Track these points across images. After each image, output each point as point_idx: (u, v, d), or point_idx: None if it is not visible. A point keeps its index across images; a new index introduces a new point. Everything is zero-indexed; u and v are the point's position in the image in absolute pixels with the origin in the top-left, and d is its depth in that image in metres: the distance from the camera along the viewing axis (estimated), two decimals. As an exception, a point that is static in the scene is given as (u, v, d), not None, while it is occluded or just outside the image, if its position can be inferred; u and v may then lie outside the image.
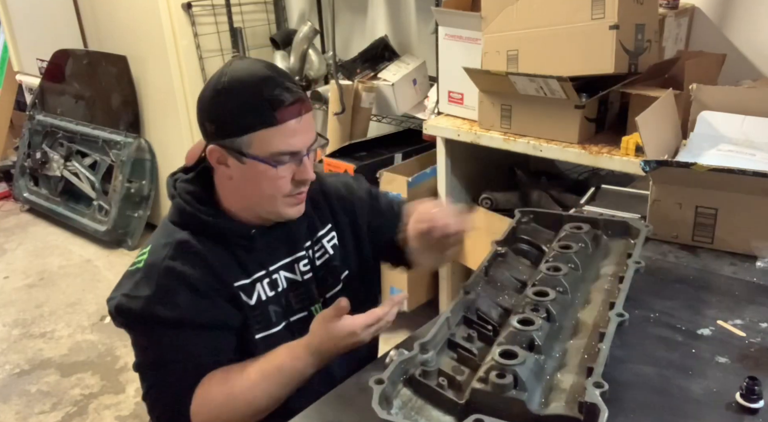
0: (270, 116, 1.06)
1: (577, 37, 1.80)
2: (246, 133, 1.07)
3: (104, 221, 3.64)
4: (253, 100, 1.06)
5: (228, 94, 1.07)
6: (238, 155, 1.09)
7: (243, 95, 1.07)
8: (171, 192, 1.20)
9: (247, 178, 1.11)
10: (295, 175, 1.12)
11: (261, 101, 1.06)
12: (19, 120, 4.46)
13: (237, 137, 1.08)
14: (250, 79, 1.07)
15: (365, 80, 2.77)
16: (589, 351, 0.89)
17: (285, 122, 1.07)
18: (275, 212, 1.16)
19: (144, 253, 1.17)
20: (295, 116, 1.08)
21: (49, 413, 2.42)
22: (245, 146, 1.08)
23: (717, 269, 1.21)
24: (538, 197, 2.37)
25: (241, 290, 1.15)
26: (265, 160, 1.08)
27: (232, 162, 1.10)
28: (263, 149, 1.08)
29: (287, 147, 1.09)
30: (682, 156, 1.35)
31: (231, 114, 1.08)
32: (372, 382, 0.80)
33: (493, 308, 1.01)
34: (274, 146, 1.08)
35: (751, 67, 2.08)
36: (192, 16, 3.08)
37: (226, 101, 1.08)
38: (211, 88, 1.10)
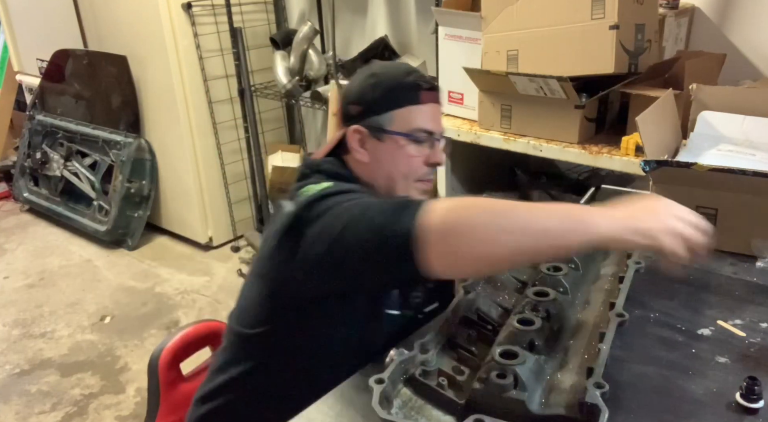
0: (415, 94, 1.18)
1: (577, 37, 1.80)
2: (391, 109, 1.17)
3: (104, 221, 3.64)
4: (400, 81, 1.19)
5: (378, 76, 1.20)
6: (381, 132, 1.18)
7: (392, 77, 1.20)
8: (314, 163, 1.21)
9: (384, 157, 1.19)
10: (428, 157, 1.20)
11: (407, 82, 1.18)
12: (19, 120, 4.46)
13: (381, 114, 1.17)
14: (398, 67, 1.25)
15: (365, 80, 2.77)
16: (589, 352, 0.89)
17: (426, 103, 1.19)
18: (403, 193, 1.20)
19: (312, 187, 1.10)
20: (434, 101, 1.22)
21: (49, 413, 2.42)
22: (388, 123, 1.17)
23: (717, 269, 1.21)
24: (538, 197, 2.37)
25: None
26: (407, 134, 1.17)
27: (371, 143, 1.19)
28: (405, 125, 1.17)
29: (427, 125, 1.19)
30: (682, 156, 1.35)
31: (380, 93, 1.18)
32: (372, 382, 0.80)
33: (493, 308, 1.01)
34: (416, 122, 1.18)
35: (751, 67, 2.08)
36: (192, 16, 3.08)
37: (376, 82, 1.19)
38: (361, 76, 1.22)
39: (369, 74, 1.21)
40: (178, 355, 1.42)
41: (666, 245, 0.87)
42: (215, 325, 1.49)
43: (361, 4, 3.06)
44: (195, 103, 3.24)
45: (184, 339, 1.43)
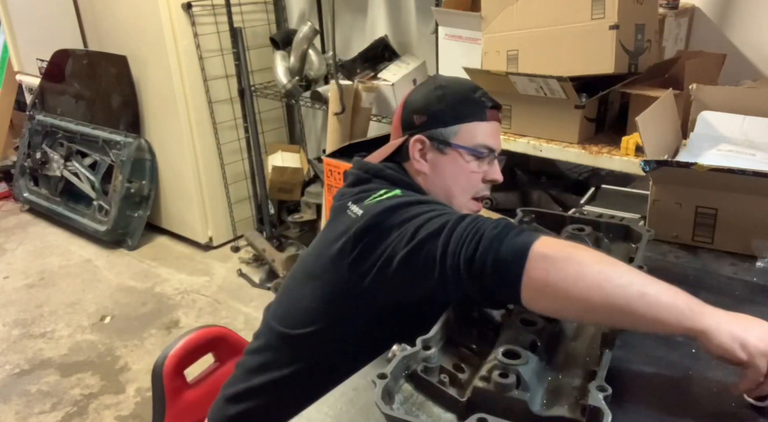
0: (482, 111, 1.21)
1: (577, 37, 1.80)
2: (457, 123, 1.19)
3: (104, 221, 3.64)
4: (468, 96, 1.21)
5: (445, 89, 1.22)
6: (444, 145, 1.19)
7: (460, 91, 1.22)
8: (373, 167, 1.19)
9: (445, 169, 1.20)
10: (486, 175, 1.23)
11: (475, 98, 1.21)
12: (19, 120, 4.46)
13: (447, 127, 1.19)
14: (465, 83, 1.27)
15: (365, 80, 2.77)
16: (591, 354, 0.89)
17: (491, 121, 1.22)
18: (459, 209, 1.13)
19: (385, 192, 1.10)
20: (497, 119, 1.24)
21: (49, 413, 2.42)
22: (452, 136, 1.19)
23: (717, 269, 1.22)
24: (538, 197, 2.37)
25: None
26: (470, 149, 1.19)
27: (432, 154, 1.20)
28: (470, 140, 1.20)
29: (490, 142, 1.21)
30: (682, 156, 1.35)
31: (447, 105, 1.20)
32: (375, 377, 0.80)
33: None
34: (480, 138, 1.20)
35: (751, 67, 2.08)
36: (192, 16, 3.08)
37: (443, 95, 1.21)
38: (427, 87, 1.24)
39: (436, 86, 1.22)
40: (183, 362, 1.41)
41: (760, 367, 0.80)
42: (219, 331, 1.48)
43: (361, 4, 3.06)
44: (195, 103, 3.24)
45: (188, 345, 1.41)
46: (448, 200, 1.20)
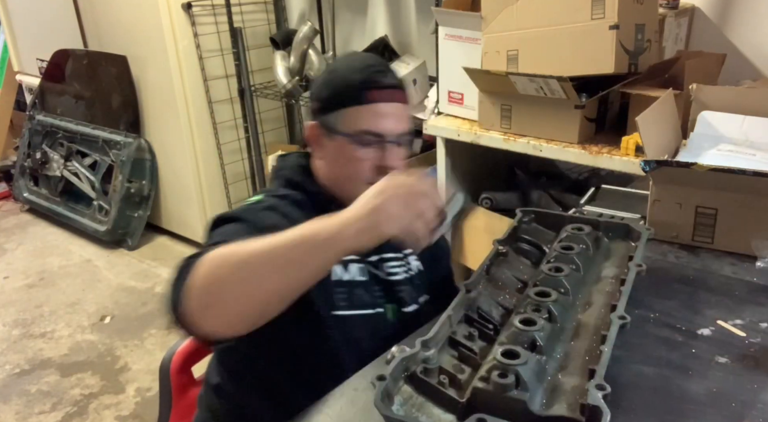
0: (361, 94, 1.13)
1: (577, 37, 1.80)
2: (338, 108, 1.14)
3: (104, 221, 3.64)
4: (351, 78, 1.15)
5: (332, 73, 1.19)
6: (329, 131, 1.16)
7: (343, 74, 1.16)
8: (279, 165, 1.25)
9: (335, 156, 1.17)
10: (379, 161, 1.15)
11: (356, 80, 1.14)
12: (19, 120, 4.46)
13: (331, 113, 1.15)
14: (354, 63, 1.18)
15: (365, 80, 2.77)
16: (590, 353, 0.89)
17: (375, 102, 1.13)
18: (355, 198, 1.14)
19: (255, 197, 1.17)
20: (386, 100, 1.14)
21: (49, 413, 2.42)
22: (336, 122, 1.15)
23: (717, 269, 1.21)
24: (538, 197, 2.37)
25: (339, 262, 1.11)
26: (351, 136, 1.13)
27: (325, 141, 1.17)
28: (351, 126, 1.14)
29: (374, 128, 1.13)
30: (682, 156, 1.35)
31: (330, 90, 1.17)
32: (373, 379, 0.80)
33: (494, 307, 1.02)
34: (361, 123, 1.13)
35: (751, 67, 2.08)
36: (192, 16, 3.08)
37: (329, 79, 1.18)
38: (324, 70, 1.22)
39: (329, 69, 1.21)
40: (190, 358, 1.42)
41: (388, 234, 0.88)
42: None
43: (361, 4, 3.06)
44: (195, 103, 3.24)
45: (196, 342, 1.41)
46: (343, 188, 1.16)
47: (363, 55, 1.24)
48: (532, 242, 1.20)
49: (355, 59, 1.22)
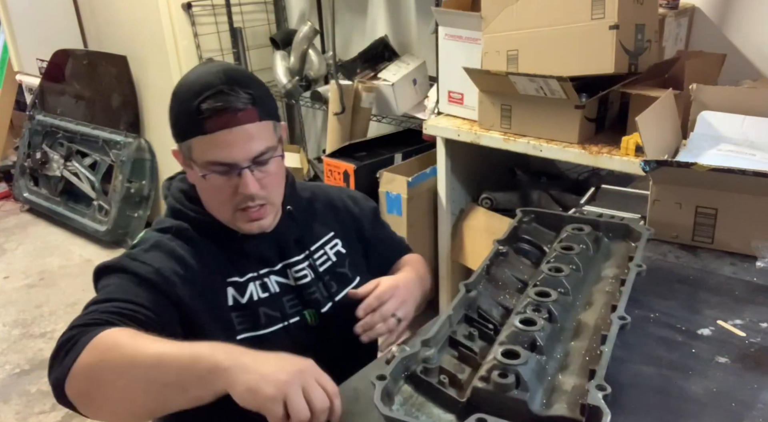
0: (200, 124, 1.04)
1: (577, 37, 1.80)
2: (185, 139, 1.09)
3: (104, 221, 3.64)
4: (187, 107, 1.06)
5: (175, 99, 1.10)
6: (188, 158, 1.11)
7: (182, 101, 1.07)
8: (164, 193, 1.23)
9: (198, 182, 1.13)
10: (238, 188, 1.09)
11: (192, 109, 1.04)
12: (19, 120, 4.47)
13: (181, 143, 1.11)
14: (193, 86, 1.07)
15: (365, 80, 2.77)
16: (590, 353, 0.89)
17: (214, 132, 1.04)
18: (231, 224, 1.14)
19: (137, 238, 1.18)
20: (229, 125, 1.04)
21: (49, 413, 2.42)
22: (188, 152, 1.10)
23: (717, 269, 1.21)
24: (538, 197, 2.37)
25: (232, 287, 1.14)
26: (202, 168, 1.08)
27: (188, 165, 1.13)
28: (200, 157, 1.08)
29: (220, 158, 1.06)
30: (682, 156, 1.35)
31: (174, 120, 1.11)
32: (374, 378, 0.80)
33: (494, 307, 1.02)
34: (207, 155, 1.07)
35: (751, 67, 2.08)
36: (192, 16, 3.08)
37: (172, 106, 1.11)
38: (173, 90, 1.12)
39: (174, 91, 1.10)
40: None
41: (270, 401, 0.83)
42: None
43: (361, 4, 3.06)
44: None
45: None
46: (216, 213, 1.14)
47: (204, 71, 1.08)
48: (532, 242, 1.20)
49: (194, 80, 1.08)
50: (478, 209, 2.46)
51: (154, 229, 1.17)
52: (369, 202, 1.42)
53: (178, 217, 1.17)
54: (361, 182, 2.49)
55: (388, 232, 1.44)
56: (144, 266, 1.07)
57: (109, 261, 1.10)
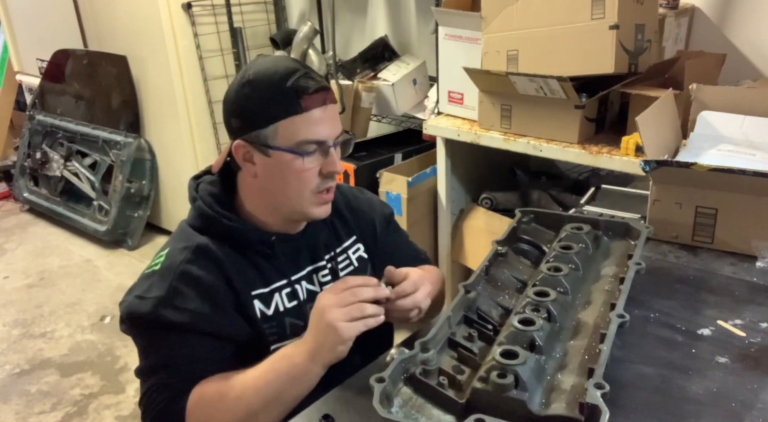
0: (294, 103, 1.06)
1: (577, 37, 1.80)
2: (271, 123, 1.07)
3: (104, 221, 3.64)
4: (277, 89, 1.06)
5: (252, 85, 1.08)
6: (264, 147, 1.08)
7: (267, 85, 1.07)
8: (192, 195, 1.18)
9: (273, 173, 1.10)
10: (322, 167, 1.11)
11: (285, 90, 1.06)
12: (19, 120, 4.47)
13: (262, 129, 1.08)
14: (274, 70, 1.08)
15: (365, 80, 2.77)
16: (589, 352, 0.89)
17: (310, 110, 1.07)
18: (301, 211, 1.14)
19: (161, 256, 1.15)
20: (320, 104, 1.08)
21: (49, 413, 2.42)
22: (271, 138, 1.08)
23: (717, 269, 1.21)
24: (538, 197, 2.37)
25: (258, 299, 1.14)
26: (291, 149, 1.08)
27: (258, 158, 1.10)
28: (289, 139, 1.08)
29: (313, 136, 1.08)
30: (682, 156, 1.35)
31: (256, 105, 1.08)
32: (373, 381, 0.80)
33: (494, 307, 1.01)
34: (299, 134, 1.07)
35: (751, 67, 2.08)
36: (192, 16, 3.08)
37: (251, 93, 1.08)
38: (237, 83, 1.10)
39: (243, 82, 1.09)
40: None
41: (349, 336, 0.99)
42: None
43: (361, 4, 3.06)
44: (195, 103, 3.24)
45: None
46: (287, 203, 1.14)
47: (278, 59, 1.12)
48: (531, 243, 1.20)
49: (272, 67, 1.09)
50: (478, 209, 2.46)
51: (175, 246, 1.15)
52: (385, 207, 1.40)
53: (208, 223, 1.15)
54: (361, 182, 2.49)
55: (402, 239, 1.41)
56: (178, 312, 1.07)
57: (143, 308, 1.08)
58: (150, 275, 1.13)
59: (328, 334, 0.99)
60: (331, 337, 0.99)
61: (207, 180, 1.20)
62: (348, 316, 0.99)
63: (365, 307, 1.01)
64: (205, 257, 1.12)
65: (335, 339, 0.99)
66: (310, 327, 1.03)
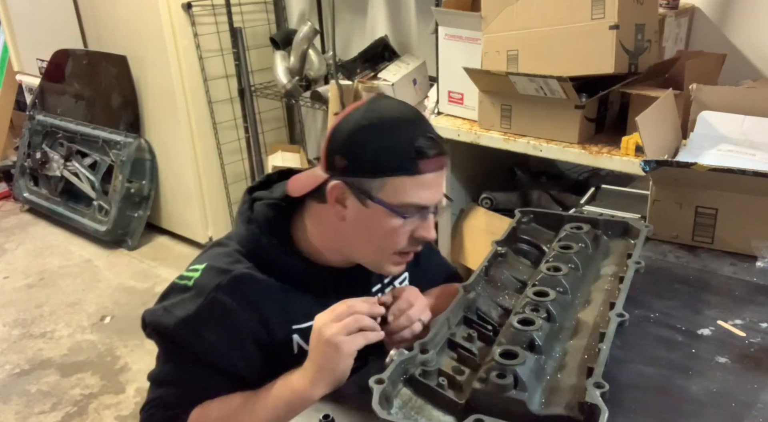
0: (413, 164, 1.00)
1: (577, 37, 1.80)
2: (382, 176, 1.00)
3: (104, 221, 3.64)
4: (399, 143, 1.00)
5: (374, 130, 1.01)
6: (365, 197, 1.02)
7: (390, 136, 1.01)
8: (247, 214, 1.12)
9: (365, 224, 1.04)
10: (415, 231, 1.05)
11: (407, 147, 1.00)
12: (19, 120, 4.46)
13: (370, 179, 1.01)
14: (400, 121, 1.02)
15: (365, 80, 2.77)
16: (589, 352, 0.89)
17: (424, 174, 1.01)
18: (377, 265, 1.10)
19: (197, 270, 1.09)
20: (436, 169, 1.03)
21: (49, 413, 2.42)
22: (376, 190, 1.01)
23: (717, 269, 1.21)
24: (538, 197, 2.37)
25: (298, 334, 1.10)
26: (394, 209, 1.01)
27: (353, 203, 1.03)
28: (395, 197, 1.01)
29: (420, 200, 1.02)
30: (682, 156, 1.35)
31: (372, 153, 1.01)
32: (372, 382, 0.80)
33: (493, 308, 1.01)
34: (407, 196, 1.01)
35: (751, 67, 2.08)
36: (192, 16, 3.08)
37: (371, 138, 1.01)
38: (355, 122, 1.02)
39: (366, 124, 1.01)
40: None
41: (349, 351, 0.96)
42: None
43: (361, 4, 3.05)
44: (195, 103, 3.23)
45: None
46: (365, 254, 1.09)
47: (404, 108, 1.05)
48: (531, 243, 1.20)
49: (399, 116, 1.03)
50: (478, 209, 2.46)
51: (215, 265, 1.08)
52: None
53: (259, 251, 1.10)
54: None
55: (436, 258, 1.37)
56: (199, 340, 1.04)
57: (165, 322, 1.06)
58: (182, 289, 1.09)
59: (327, 353, 0.97)
60: (331, 355, 0.96)
61: (266, 202, 1.13)
62: (345, 329, 0.96)
63: (361, 318, 0.97)
64: (243, 289, 1.06)
65: (336, 356, 0.96)
66: (310, 351, 1.00)
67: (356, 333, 0.97)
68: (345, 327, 0.96)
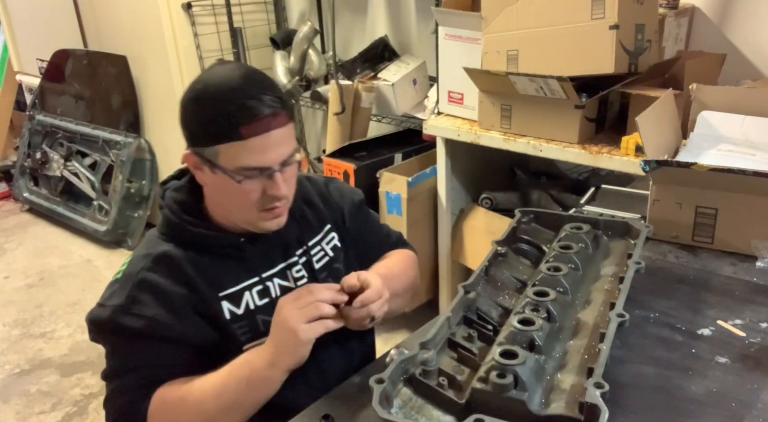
0: (235, 130, 1.02)
1: (577, 37, 1.80)
2: (213, 144, 1.04)
3: (104, 221, 3.64)
4: (220, 112, 1.02)
5: (198, 102, 1.05)
6: (209, 163, 1.07)
7: (211, 106, 1.03)
8: (159, 203, 1.19)
9: (220, 188, 1.10)
10: (266, 190, 1.08)
11: (228, 114, 1.02)
12: (19, 120, 4.47)
13: (204, 148, 1.06)
14: (221, 89, 1.04)
15: (365, 80, 2.77)
16: (589, 352, 0.89)
17: (251, 137, 1.02)
18: (251, 224, 1.13)
19: (124, 264, 1.16)
20: (263, 131, 1.03)
21: (49, 413, 2.42)
22: (214, 157, 1.05)
23: (717, 269, 1.21)
24: (538, 197, 2.37)
25: (226, 300, 1.13)
26: (231, 174, 1.05)
27: (207, 170, 1.08)
28: (230, 163, 1.05)
29: (254, 163, 1.05)
30: (682, 156, 1.35)
31: (200, 123, 1.06)
32: (372, 382, 0.80)
33: (494, 307, 1.01)
34: (240, 160, 1.04)
35: (751, 67, 2.08)
36: (192, 16, 3.08)
37: (196, 110, 1.05)
38: (186, 95, 1.07)
39: (192, 96, 1.06)
40: None
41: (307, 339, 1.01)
42: None
43: (361, 4, 3.06)
44: (195, 103, 3.23)
45: None
46: (236, 216, 1.13)
47: (225, 74, 1.06)
48: (531, 243, 1.20)
49: (218, 84, 1.05)
50: (478, 209, 2.46)
51: (138, 254, 1.15)
52: (355, 193, 1.38)
53: (174, 231, 1.15)
54: (361, 182, 2.49)
55: (372, 223, 1.39)
56: (138, 319, 1.07)
57: (102, 315, 1.11)
58: (113, 283, 1.14)
59: (286, 338, 1.01)
60: (290, 341, 1.01)
61: (173, 186, 1.20)
62: (305, 317, 1.01)
63: (322, 306, 1.02)
64: (166, 265, 1.11)
65: (294, 342, 1.01)
66: (271, 332, 1.04)
67: (316, 320, 1.02)
68: (305, 315, 1.01)
